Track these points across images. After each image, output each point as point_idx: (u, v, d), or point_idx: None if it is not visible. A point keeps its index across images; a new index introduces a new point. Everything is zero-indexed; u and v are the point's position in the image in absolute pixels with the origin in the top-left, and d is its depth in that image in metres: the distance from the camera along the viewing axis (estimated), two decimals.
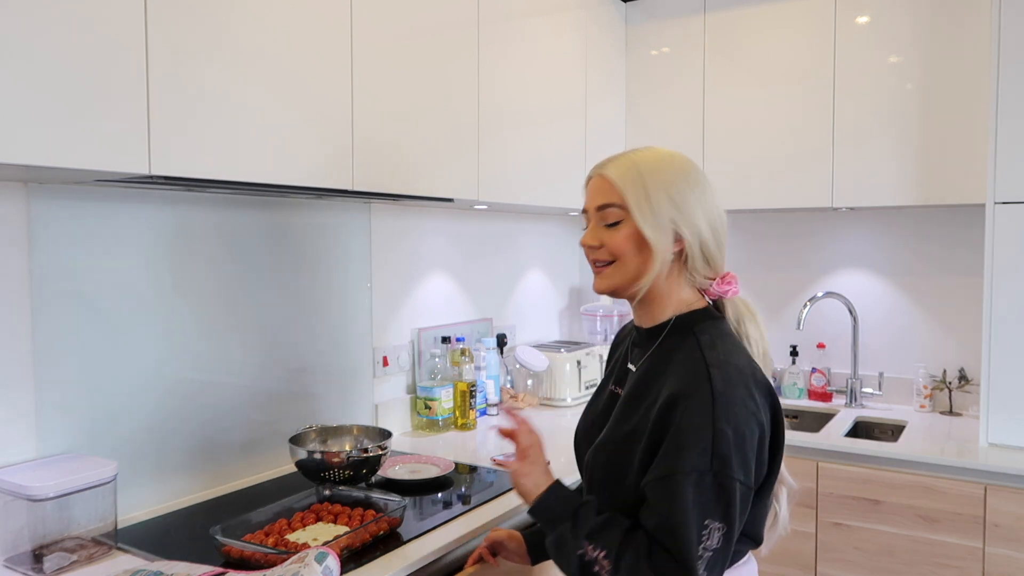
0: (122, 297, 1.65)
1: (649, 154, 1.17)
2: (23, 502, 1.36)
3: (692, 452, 1.02)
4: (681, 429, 1.04)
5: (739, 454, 1.03)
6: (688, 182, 1.15)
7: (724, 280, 1.18)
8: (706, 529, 1.01)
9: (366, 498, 1.66)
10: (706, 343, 1.11)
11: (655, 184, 1.13)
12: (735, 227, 3.08)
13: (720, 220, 1.17)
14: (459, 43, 2.08)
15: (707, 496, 1.01)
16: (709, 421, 1.02)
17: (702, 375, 1.06)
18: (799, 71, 2.61)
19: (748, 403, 1.06)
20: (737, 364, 1.09)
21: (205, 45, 1.40)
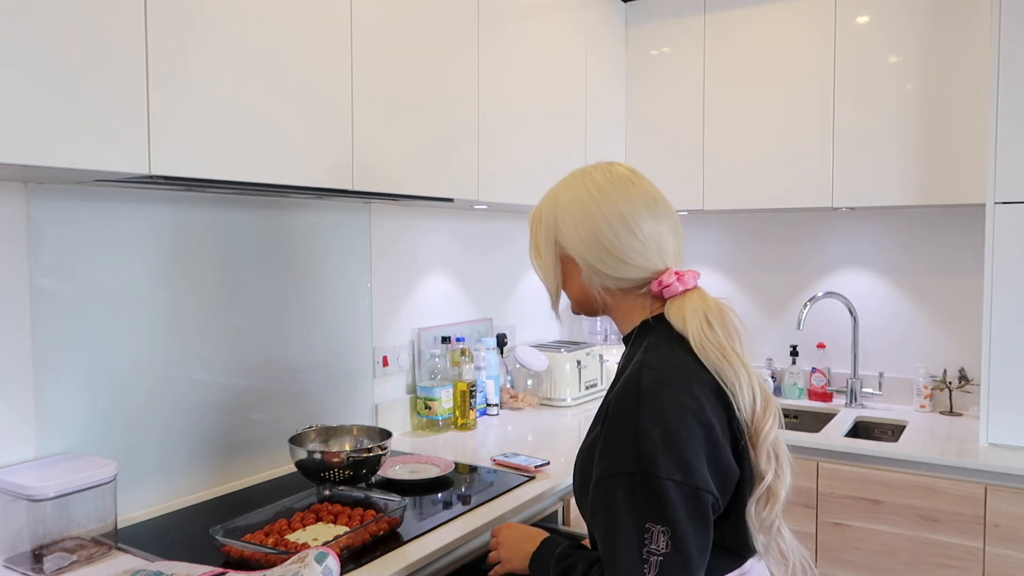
0: (122, 297, 1.65)
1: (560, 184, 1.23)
2: (23, 502, 1.36)
3: (619, 454, 1.01)
4: (610, 432, 1.04)
5: (669, 452, 0.98)
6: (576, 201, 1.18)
7: (660, 281, 1.16)
8: (648, 532, 0.97)
9: (366, 498, 1.66)
10: (649, 345, 1.11)
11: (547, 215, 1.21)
12: (735, 227, 3.08)
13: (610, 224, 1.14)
14: (459, 43, 2.08)
15: (639, 498, 0.98)
16: (634, 422, 1.01)
17: (635, 377, 1.05)
18: (799, 71, 2.61)
19: (684, 400, 1.02)
20: (675, 363, 1.07)
21: (205, 45, 1.40)
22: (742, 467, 1.08)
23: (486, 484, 1.88)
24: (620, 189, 1.17)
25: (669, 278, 1.15)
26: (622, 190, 1.17)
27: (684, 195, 2.85)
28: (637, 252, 1.15)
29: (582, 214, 1.17)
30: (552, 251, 1.21)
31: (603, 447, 1.04)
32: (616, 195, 1.17)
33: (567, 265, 1.21)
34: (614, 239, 1.15)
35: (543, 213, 1.23)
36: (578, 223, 1.17)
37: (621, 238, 1.15)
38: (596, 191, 1.17)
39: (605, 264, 1.16)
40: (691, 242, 3.17)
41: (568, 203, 1.19)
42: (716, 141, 2.78)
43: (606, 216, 1.15)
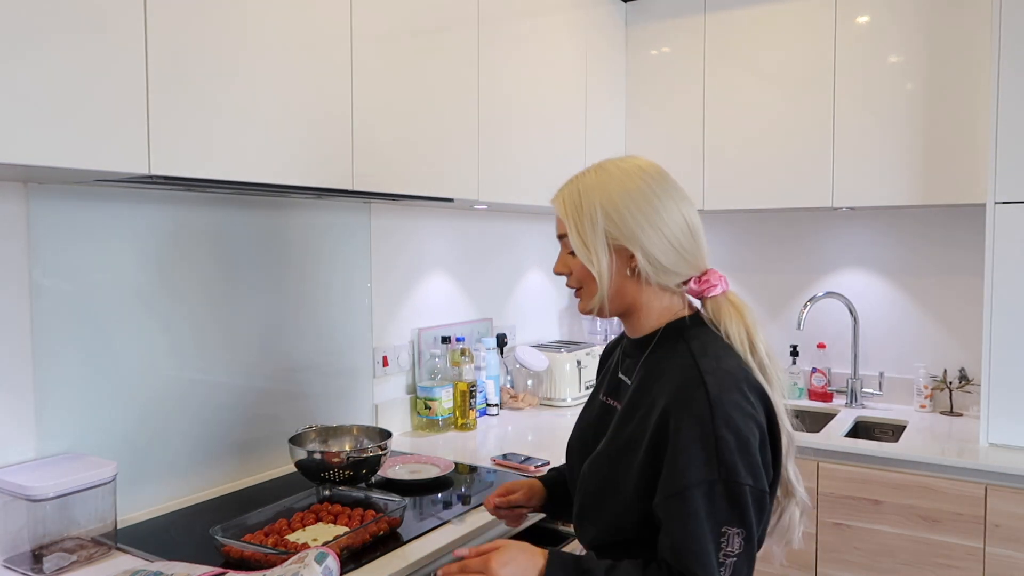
0: (122, 297, 1.65)
1: (594, 176, 1.17)
2: (23, 502, 1.36)
3: (697, 464, 1.01)
4: (682, 441, 1.03)
5: (744, 458, 1.02)
6: (631, 196, 1.13)
7: (701, 280, 1.16)
8: (724, 536, 1.00)
9: (366, 498, 1.66)
10: (697, 349, 1.10)
11: (590, 207, 1.14)
12: (735, 227, 3.08)
13: (681, 225, 1.14)
14: (459, 43, 2.08)
15: (719, 504, 1.00)
16: (710, 429, 1.01)
17: (696, 382, 1.05)
18: (799, 71, 2.61)
19: (744, 406, 1.04)
20: (728, 368, 1.08)
21: (205, 45, 1.40)
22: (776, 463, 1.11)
23: (486, 484, 1.88)
24: (668, 178, 1.17)
25: (714, 278, 1.16)
26: (670, 179, 1.17)
27: None
28: (691, 248, 1.15)
29: (642, 203, 1.12)
30: (604, 243, 1.13)
31: (675, 460, 1.03)
32: (668, 183, 1.16)
33: (615, 257, 1.14)
34: (675, 231, 1.14)
35: (584, 201, 1.14)
36: (636, 213, 1.12)
37: (680, 230, 1.14)
38: (649, 180, 1.15)
39: (667, 259, 1.13)
40: None
41: (621, 192, 1.13)
42: (716, 141, 2.78)
43: (666, 206, 1.13)
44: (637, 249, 1.12)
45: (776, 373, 1.13)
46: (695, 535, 1.00)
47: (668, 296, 1.18)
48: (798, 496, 1.17)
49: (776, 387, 1.12)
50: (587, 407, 1.33)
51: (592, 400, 1.32)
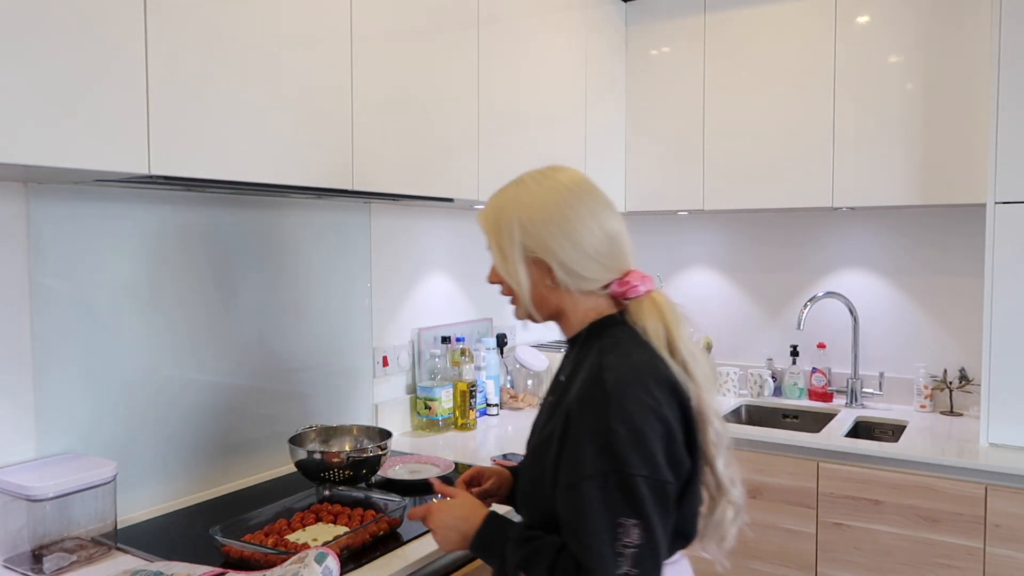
0: (122, 297, 1.65)
1: (513, 191, 1.21)
2: (23, 502, 1.36)
3: (591, 456, 1.04)
4: (579, 434, 1.06)
5: (637, 449, 1.03)
6: (547, 211, 1.17)
7: (623, 282, 1.19)
8: (621, 527, 1.02)
9: (366, 498, 1.66)
10: (607, 347, 1.13)
11: (508, 222, 1.18)
12: (736, 227, 3.08)
13: (599, 236, 1.17)
14: (459, 43, 2.08)
15: (613, 496, 1.02)
16: (604, 423, 1.04)
17: (597, 378, 1.08)
18: (799, 71, 2.61)
19: (645, 399, 1.06)
20: (634, 363, 1.10)
21: (205, 45, 1.40)
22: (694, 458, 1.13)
23: None
24: (587, 190, 1.20)
25: (634, 279, 1.19)
26: (589, 191, 1.21)
27: (684, 195, 2.85)
28: (610, 254, 1.18)
29: (556, 217, 1.17)
30: (520, 254, 1.18)
31: (571, 451, 1.07)
32: (586, 196, 1.19)
33: (534, 268, 1.19)
34: (592, 241, 1.17)
35: (503, 216, 1.19)
36: (551, 226, 1.16)
37: (597, 240, 1.17)
38: (566, 193, 1.18)
39: (582, 266, 1.17)
40: (691, 242, 3.17)
41: (537, 206, 1.17)
42: (716, 141, 2.78)
43: (581, 218, 1.17)
44: (553, 261, 1.17)
45: (701, 370, 1.14)
46: (589, 527, 1.03)
47: (594, 298, 1.21)
48: (730, 496, 1.19)
49: (702, 384, 1.13)
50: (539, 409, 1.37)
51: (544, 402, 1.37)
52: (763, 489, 2.37)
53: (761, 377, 2.88)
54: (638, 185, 2.96)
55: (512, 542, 1.12)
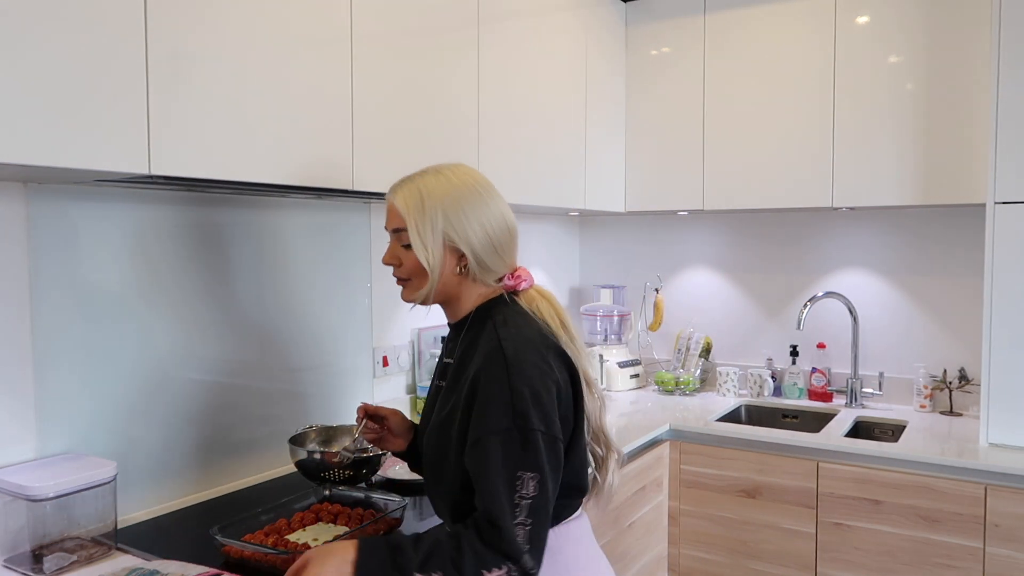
0: (122, 297, 1.65)
1: (434, 179, 1.28)
2: (23, 502, 1.36)
3: (494, 414, 1.13)
4: (483, 398, 1.15)
5: (537, 408, 1.13)
6: (463, 200, 1.26)
7: (514, 275, 1.31)
8: (519, 480, 1.10)
9: (366, 498, 1.66)
10: (499, 322, 1.24)
11: (432, 209, 1.25)
12: (736, 227, 3.08)
13: (500, 227, 1.28)
14: (459, 43, 2.08)
15: (514, 449, 1.11)
16: (505, 384, 1.14)
17: (496, 348, 1.18)
18: (799, 71, 2.61)
19: (540, 364, 1.18)
20: (527, 334, 1.22)
21: (205, 45, 1.40)
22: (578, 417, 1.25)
23: None
24: (492, 187, 1.32)
25: (524, 274, 1.32)
26: (493, 187, 1.32)
27: (684, 195, 2.85)
28: (511, 249, 1.31)
29: (477, 209, 1.26)
30: (440, 243, 1.25)
31: (478, 413, 1.15)
32: (494, 192, 1.31)
33: (448, 256, 1.26)
34: (502, 236, 1.29)
35: (427, 202, 1.25)
36: (471, 218, 1.25)
37: (503, 233, 1.29)
38: (480, 188, 1.28)
39: (490, 259, 1.28)
40: (691, 242, 3.17)
41: (459, 197, 1.26)
42: (716, 141, 2.78)
43: (493, 213, 1.28)
44: (468, 251, 1.26)
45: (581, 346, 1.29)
46: (492, 480, 1.11)
47: (480, 287, 1.31)
48: (613, 447, 1.35)
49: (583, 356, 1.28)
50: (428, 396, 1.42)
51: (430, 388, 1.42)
52: (763, 489, 2.37)
53: (761, 377, 2.88)
54: (638, 185, 2.96)
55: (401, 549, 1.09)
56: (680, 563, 2.53)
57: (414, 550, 1.10)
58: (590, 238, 3.41)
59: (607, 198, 2.88)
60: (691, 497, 2.50)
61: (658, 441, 2.49)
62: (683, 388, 2.98)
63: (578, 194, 2.69)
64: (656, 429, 2.46)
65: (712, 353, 3.10)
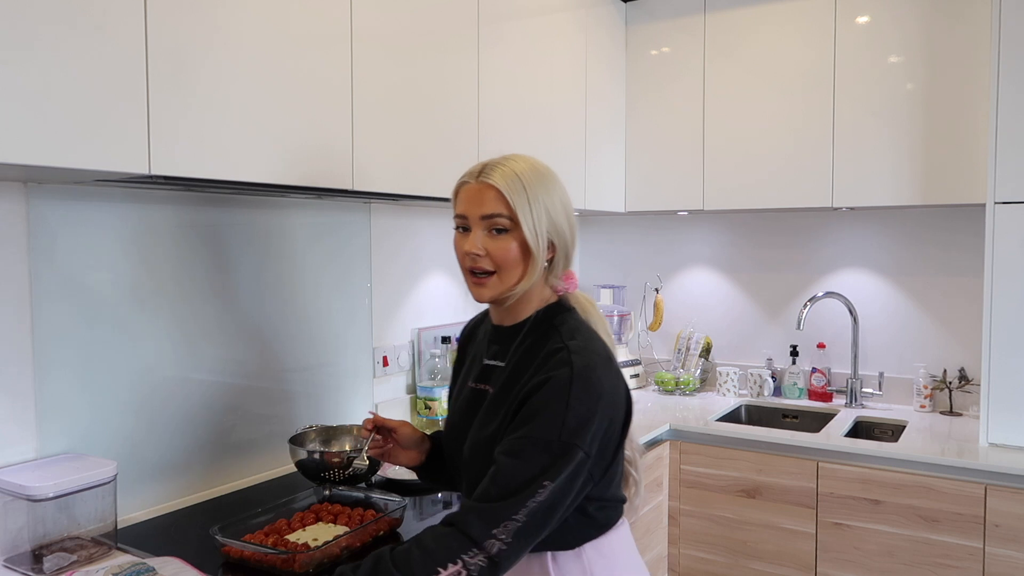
0: (122, 297, 1.65)
1: (523, 163, 1.22)
2: (23, 502, 1.36)
3: (547, 422, 1.09)
4: (536, 403, 1.11)
5: (588, 428, 1.10)
6: (553, 190, 1.22)
7: (567, 277, 1.27)
8: (542, 488, 1.07)
9: (366, 498, 1.66)
10: (567, 333, 1.19)
11: (535, 195, 1.19)
12: (736, 227, 3.08)
13: (574, 221, 1.26)
14: (459, 43, 2.08)
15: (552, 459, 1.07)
16: (565, 397, 1.10)
17: (564, 360, 1.13)
18: (799, 71, 2.61)
19: (604, 382, 1.13)
20: (595, 348, 1.17)
21: (205, 45, 1.40)
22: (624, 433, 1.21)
23: None
24: None
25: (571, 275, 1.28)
26: None
27: (684, 195, 2.85)
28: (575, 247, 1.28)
29: (568, 208, 1.24)
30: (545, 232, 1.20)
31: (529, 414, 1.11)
32: None
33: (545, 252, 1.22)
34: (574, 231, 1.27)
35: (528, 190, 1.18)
36: (566, 215, 1.23)
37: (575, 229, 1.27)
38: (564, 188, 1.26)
39: (571, 253, 1.26)
40: (691, 242, 3.17)
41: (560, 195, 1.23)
42: (716, 141, 2.78)
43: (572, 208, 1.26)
44: (561, 241, 1.23)
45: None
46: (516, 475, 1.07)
47: (546, 289, 1.27)
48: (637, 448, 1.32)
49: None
50: (457, 397, 1.37)
51: (460, 386, 1.37)
52: (763, 489, 2.37)
53: (761, 377, 2.88)
54: (638, 185, 2.96)
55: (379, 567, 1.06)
56: (680, 563, 2.53)
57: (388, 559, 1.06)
58: (590, 238, 3.41)
59: (607, 198, 2.88)
60: (691, 497, 2.50)
61: (658, 441, 2.49)
62: (683, 388, 2.98)
63: (578, 194, 2.69)
64: (656, 429, 2.46)
65: (712, 353, 3.10)
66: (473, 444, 1.24)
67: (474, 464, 1.22)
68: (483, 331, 1.37)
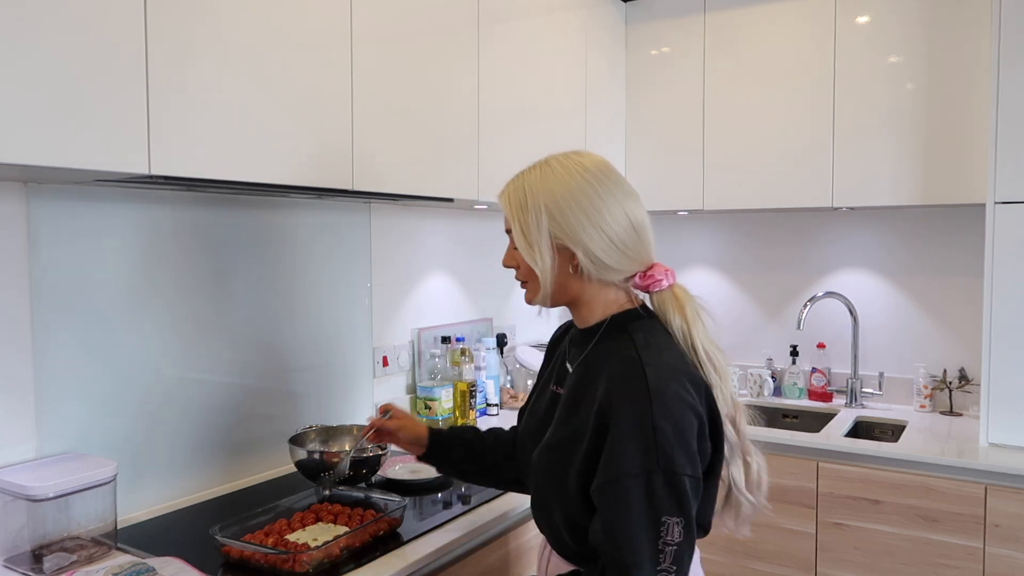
0: (122, 297, 1.65)
1: (539, 174, 1.18)
2: (23, 502, 1.36)
3: (635, 453, 1.03)
4: (621, 430, 1.05)
5: (682, 447, 1.03)
6: (574, 196, 1.14)
7: (646, 275, 1.18)
8: (664, 526, 1.02)
9: (366, 498, 1.66)
10: (640, 342, 1.12)
11: (535, 207, 1.15)
12: (736, 227, 3.08)
13: (624, 224, 1.16)
14: (459, 43, 2.07)
15: (659, 494, 1.02)
16: (649, 419, 1.03)
17: (638, 374, 1.07)
18: (799, 71, 2.61)
19: (684, 396, 1.06)
20: (669, 361, 1.10)
21: (205, 45, 1.40)
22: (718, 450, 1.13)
23: None
24: (613, 177, 1.18)
25: (659, 273, 1.18)
26: (615, 178, 1.18)
27: (684, 195, 2.85)
28: (635, 244, 1.17)
29: (584, 203, 1.14)
30: (546, 240, 1.15)
31: (611, 447, 1.05)
32: (612, 183, 1.17)
33: (558, 255, 1.16)
34: (623, 232, 1.15)
35: (529, 200, 1.16)
36: (579, 213, 1.14)
37: (623, 229, 1.15)
38: (592, 179, 1.16)
39: (609, 257, 1.15)
40: (691, 242, 3.17)
41: (564, 191, 1.15)
42: (716, 141, 2.78)
43: (608, 206, 1.15)
44: (579, 248, 1.14)
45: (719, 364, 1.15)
46: (632, 524, 1.02)
47: (613, 290, 1.20)
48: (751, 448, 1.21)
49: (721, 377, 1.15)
50: (538, 395, 1.35)
51: (543, 388, 1.34)
52: None
53: (761, 377, 2.88)
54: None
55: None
56: None
57: None
58: None
59: None
60: None
61: None
62: None
63: None
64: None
65: None
66: (541, 449, 1.21)
67: (540, 468, 1.20)
68: (570, 334, 1.31)
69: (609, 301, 1.20)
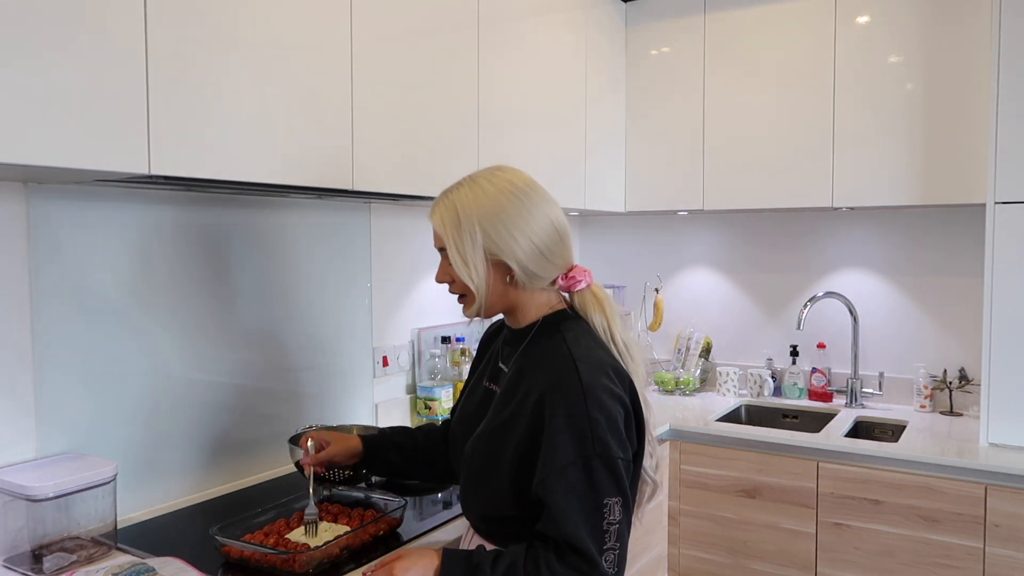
0: (122, 297, 1.65)
1: (468, 192, 1.24)
2: (23, 502, 1.36)
3: (573, 443, 1.12)
4: (558, 424, 1.13)
5: (614, 434, 1.14)
6: (507, 212, 1.21)
7: (567, 276, 1.27)
8: (606, 507, 1.12)
9: (366, 498, 1.66)
10: (571, 340, 1.21)
11: (469, 225, 1.21)
12: (736, 227, 3.08)
13: (550, 231, 1.24)
14: (459, 43, 2.08)
15: (597, 476, 1.12)
16: (583, 411, 1.13)
17: (570, 369, 1.16)
18: (799, 71, 2.61)
19: (612, 388, 1.16)
20: (599, 356, 1.20)
21: (205, 45, 1.40)
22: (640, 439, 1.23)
23: None
24: (536, 188, 1.26)
25: (579, 274, 1.27)
26: (537, 188, 1.26)
27: (684, 195, 2.85)
28: (561, 252, 1.26)
29: (516, 218, 1.21)
30: (481, 257, 1.22)
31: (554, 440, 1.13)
32: (536, 194, 1.25)
33: (493, 269, 1.23)
34: (549, 241, 1.24)
35: (462, 218, 1.21)
36: (512, 229, 1.21)
37: (549, 237, 1.24)
38: (520, 194, 1.23)
39: (538, 266, 1.23)
40: (691, 242, 3.17)
41: (497, 208, 1.21)
42: (716, 141, 2.78)
43: (535, 218, 1.23)
44: (513, 261, 1.22)
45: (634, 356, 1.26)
46: (576, 507, 1.11)
47: (545, 293, 1.28)
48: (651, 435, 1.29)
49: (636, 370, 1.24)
50: (470, 391, 1.41)
51: (475, 384, 1.40)
52: (763, 489, 2.37)
53: (761, 377, 2.88)
54: (638, 185, 2.96)
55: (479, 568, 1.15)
56: (680, 563, 2.53)
57: (491, 569, 1.13)
58: (590, 238, 3.41)
59: (607, 198, 2.88)
60: (691, 497, 2.50)
61: (658, 441, 2.49)
62: (683, 388, 2.98)
63: (578, 194, 2.69)
64: (656, 429, 2.46)
65: (712, 353, 3.10)
66: (474, 439, 1.27)
67: (472, 459, 1.27)
68: (502, 333, 1.38)
69: (541, 304, 1.28)
